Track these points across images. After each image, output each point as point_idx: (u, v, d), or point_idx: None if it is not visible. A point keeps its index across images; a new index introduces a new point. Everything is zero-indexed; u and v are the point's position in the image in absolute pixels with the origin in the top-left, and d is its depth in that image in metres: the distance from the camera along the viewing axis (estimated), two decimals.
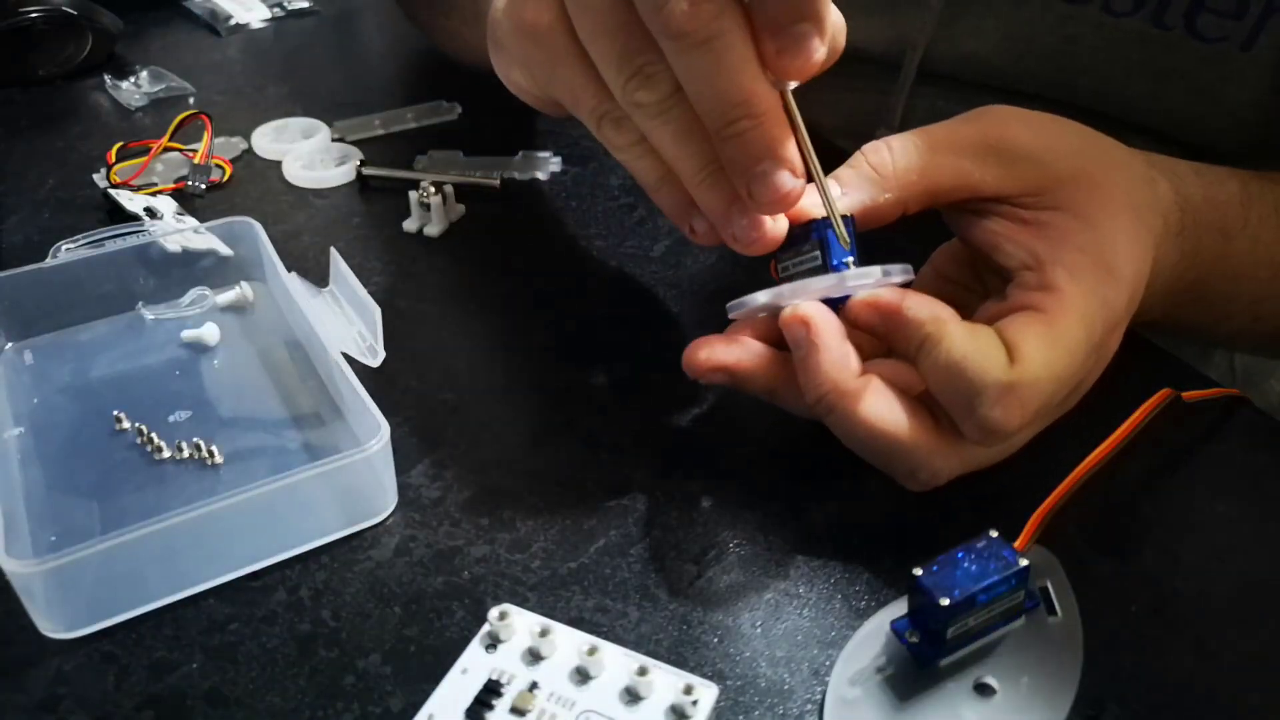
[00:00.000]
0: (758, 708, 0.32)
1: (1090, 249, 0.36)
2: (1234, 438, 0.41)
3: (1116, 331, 0.38)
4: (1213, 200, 0.43)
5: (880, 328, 0.36)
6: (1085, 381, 0.38)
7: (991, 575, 0.31)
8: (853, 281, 0.36)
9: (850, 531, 0.37)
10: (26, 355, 0.46)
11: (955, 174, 0.38)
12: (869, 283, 0.36)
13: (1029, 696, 0.31)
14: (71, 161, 0.62)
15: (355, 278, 0.47)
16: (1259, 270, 0.45)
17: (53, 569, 0.32)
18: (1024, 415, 0.34)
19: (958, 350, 0.34)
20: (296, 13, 0.85)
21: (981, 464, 0.37)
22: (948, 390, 0.34)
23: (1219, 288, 0.45)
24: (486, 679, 0.31)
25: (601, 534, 0.37)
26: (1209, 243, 0.42)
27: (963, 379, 0.34)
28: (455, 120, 0.67)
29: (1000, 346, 0.34)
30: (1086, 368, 0.36)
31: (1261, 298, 0.46)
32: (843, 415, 0.35)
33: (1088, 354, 0.36)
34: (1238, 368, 0.66)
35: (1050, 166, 0.38)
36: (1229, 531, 0.37)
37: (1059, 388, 0.35)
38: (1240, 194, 0.44)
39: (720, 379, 0.37)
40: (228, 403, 0.44)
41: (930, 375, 0.35)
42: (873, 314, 0.36)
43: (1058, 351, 0.34)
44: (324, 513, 0.37)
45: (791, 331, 0.35)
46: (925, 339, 0.34)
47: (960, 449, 0.36)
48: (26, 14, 0.70)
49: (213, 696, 0.32)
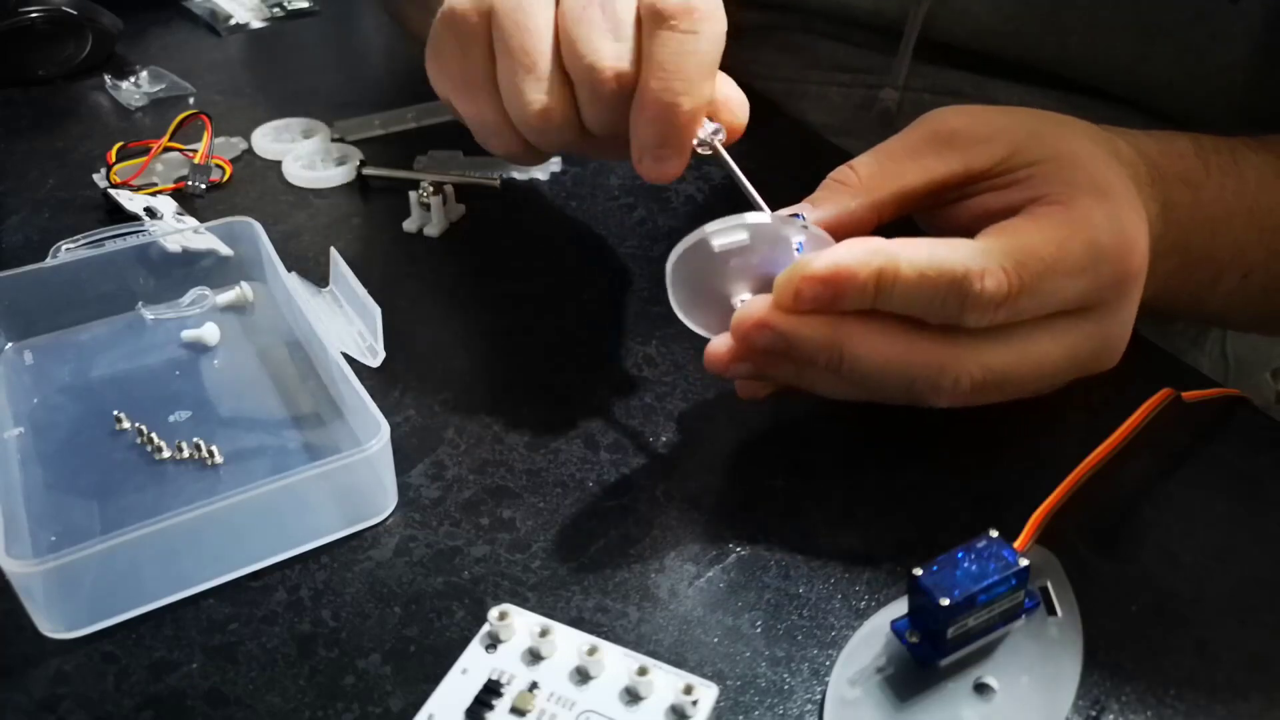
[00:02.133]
0: (758, 708, 0.32)
1: (1081, 178, 0.37)
2: (1234, 438, 0.41)
3: (1130, 256, 0.37)
4: (1169, 153, 0.43)
5: (830, 297, 0.35)
6: (1110, 307, 0.37)
7: (991, 575, 0.31)
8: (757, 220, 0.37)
9: (850, 531, 0.37)
10: (26, 355, 0.46)
11: (921, 171, 0.38)
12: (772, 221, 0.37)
13: (1029, 696, 0.31)
14: (71, 161, 0.62)
15: (355, 278, 0.47)
16: (1233, 219, 0.45)
17: (53, 569, 0.32)
18: (1021, 278, 0.34)
19: (920, 261, 0.34)
20: (296, 13, 0.85)
21: (1005, 367, 0.36)
22: (932, 300, 0.34)
23: (1200, 243, 0.44)
24: (486, 679, 0.31)
25: (601, 534, 0.37)
26: (1179, 195, 0.42)
27: (939, 278, 0.34)
28: (455, 120, 0.67)
29: (964, 240, 0.34)
30: (1090, 262, 0.35)
31: (1244, 248, 0.46)
32: (851, 358, 0.35)
33: (1091, 244, 0.35)
34: (1230, 357, 0.66)
35: (1008, 134, 0.38)
36: (1229, 531, 0.37)
37: (1058, 258, 0.34)
38: (1194, 146, 0.45)
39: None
40: (228, 403, 0.44)
41: (908, 302, 0.34)
42: (818, 287, 0.34)
43: (1051, 223, 0.35)
44: (324, 513, 0.37)
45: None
46: (881, 276, 0.34)
47: (974, 348, 0.35)
48: (26, 14, 0.70)
49: (213, 696, 0.32)
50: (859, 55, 0.63)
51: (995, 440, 0.41)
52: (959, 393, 0.36)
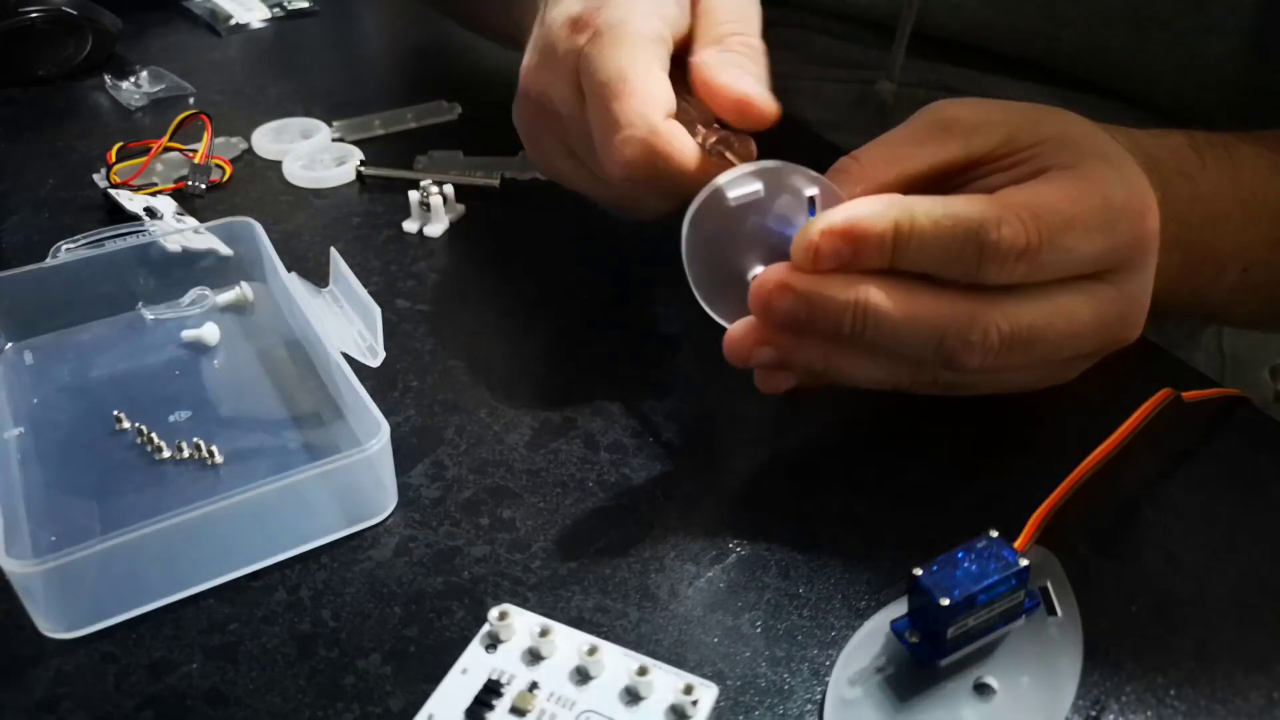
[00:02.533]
0: (758, 708, 0.32)
1: (1085, 147, 0.37)
2: (1234, 438, 0.41)
3: (1145, 215, 0.37)
4: (1164, 146, 0.43)
5: (849, 253, 0.34)
6: (1130, 266, 0.37)
7: (991, 575, 0.31)
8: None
9: (850, 531, 0.37)
10: (26, 355, 0.46)
11: (922, 156, 0.38)
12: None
13: (1029, 696, 0.31)
14: (71, 161, 0.62)
15: (355, 278, 0.47)
16: (1232, 212, 0.45)
17: (53, 569, 0.32)
18: (1040, 231, 0.34)
19: (935, 212, 0.34)
20: (296, 13, 0.85)
21: (1033, 322, 0.36)
22: (950, 253, 0.34)
23: (1201, 237, 0.44)
24: (486, 679, 0.31)
25: (601, 534, 0.37)
26: (1177, 188, 0.42)
27: (955, 227, 0.34)
28: (455, 120, 0.67)
29: (980, 195, 0.35)
30: (1106, 218, 0.35)
31: (1243, 241, 0.46)
32: (876, 317, 0.35)
33: (1106, 200, 0.35)
34: (1227, 353, 0.66)
35: (1007, 120, 0.38)
36: (1229, 531, 0.37)
37: (1075, 213, 0.34)
38: (1187, 141, 0.45)
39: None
40: (228, 403, 0.44)
41: (926, 255, 0.34)
42: (837, 241, 0.34)
43: (1064, 182, 0.35)
44: (324, 513, 0.37)
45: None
46: (898, 228, 0.34)
47: (1000, 302, 0.35)
48: (26, 14, 0.70)
49: (213, 696, 0.32)
50: (854, 51, 0.63)
51: (995, 440, 0.41)
52: (989, 346, 0.35)
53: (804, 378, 0.39)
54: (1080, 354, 0.38)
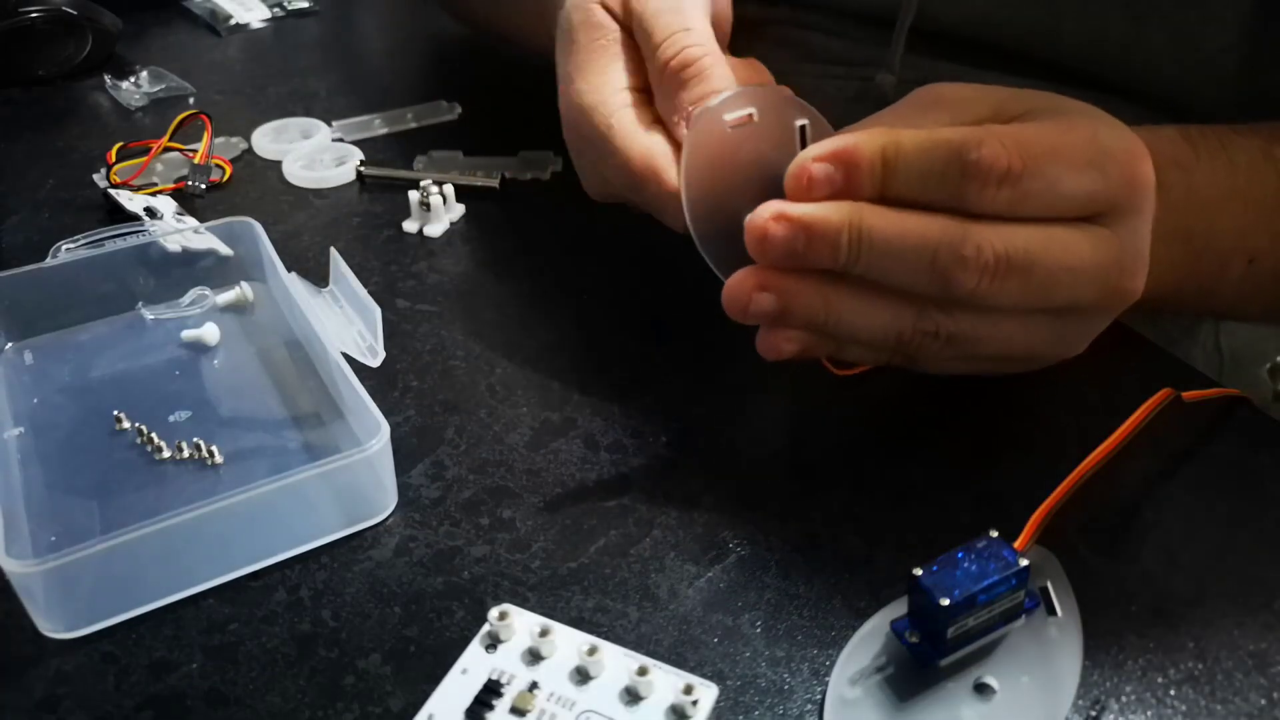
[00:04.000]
0: (758, 708, 0.32)
1: (1073, 107, 0.38)
2: (1234, 438, 0.41)
3: (1136, 159, 0.37)
4: (1156, 137, 0.43)
5: (841, 179, 0.35)
6: (1124, 225, 0.37)
7: (991, 575, 0.31)
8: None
9: (850, 531, 0.37)
10: (26, 355, 0.46)
11: (908, 126, 0.38)
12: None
13: (1029, 696, 0.31)
14: (71, 161, 0.62)
15: (355, 278, 0.47)
16: (1230, 202, 0.45)
17: (53, 569, 0.32)
18: (1020, 151, 0.34)
19: (920, 136, 0.35)
20: (296, 13, 0.85)
21: (1028, 246, 0.35)
22: (934, 174, 0.35)
23: (1200, 228, 0.44)
24: (486, 679, 0.31)
25: (601, 534, 0.37)
26: (1171, 178, 0.42)
27: (935, 149, 0.34)
28: (455, 120, 0.67)
29: (965, 126, 0.36)
30: (1094, 157, 0.36)
31: (1245, 231, 0.46)
32: (871, 237, 0.35)
33: (1093, 140, 0.36)
34: (1225, 350, 0.65)
35: (993, 93, 0.39)
36: (1229, 531, 0.37)
37: (1059, 145, 0.35)
38: (1180, 133, 0.45)
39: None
40: (228, 403, 0.44)
41: (913, 179, 0.35)
42: (828, 167, 0.35)
43: (1050, 121, 0.36)
44: (324, 513, 0.37)
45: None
46: (885, 152, 0.35)
47: (993, 224, 0.35)
48: (26, 14, 0.70)
49: (213, 696, 0.32)
50: (853, 48, 0.63)
51: (995, 440, 0.41)
52: (984, 264, 0.35)
53: (805, 340, 0.38)
54: (1079, 301, 0.38)
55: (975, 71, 0.59)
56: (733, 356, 0.45)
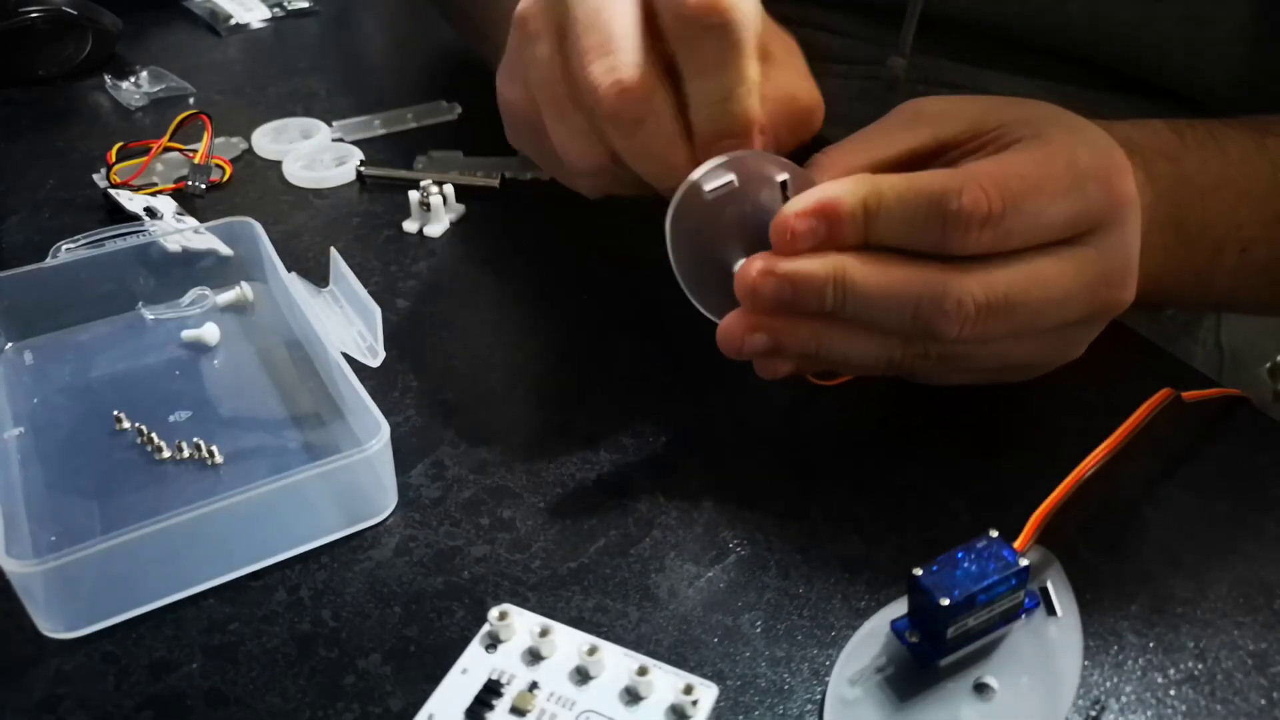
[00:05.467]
0: (758, 708, 0.32)
1: (1051, 121, 0.38)
2: (1234, 438, 0.41)
3: (1115, 175, 0.37)
4: (1142, 130, 0.44)
5: (824, 231, 0.35)
6: (1110, 235, 0.37)
7: (991, 575, 0.31)
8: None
9: (850, 531, 0.37)
10: (26, 355, 0.46)
11: (891, 143, 0.39)
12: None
13: (1029, 696, 0.31)
14: (71, 161, 0.62)
15: (355, 278, 0.47)
16: (1221, 190, 0.45)
17: (53, 569, 0.32)
18: (1002, 197, 0.34)
19: (900, 185, 0.35)
20: (296, 13, 0.85)
21: (1009, 288, 0.36)
22: (916, 224, 0.35)
23: (1193, 217, 0.44)
24: (486, 679, 0.31)
25: (601, 534, 0.37)
26: (1160, 168, 0.42)
27: (917, 198, 0.34)
28: (455, 120, 0.67)
29: (946, 169, 0.36)
30: (1073, 182, 0.36)
31: (1238, 220, 0.46)
32: (854, 288, 0.35)
33: (1071, 163, 0.36)
34: (1225, 348, 0.65)
35: (974, 106, 0.39)
36: (1229, 531, 0.37)
37: (1039, 177, 0.35)
38: (1167, 125, 0.45)
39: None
40: (228, 403, 0.44)
41: (895, 228, 0.35)
42: (811, 220, 0.35)
43: (1028, 150, 0.36)
44: (324, 513, 0.37)
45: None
46: (866, 202, 0.35)
47: (973, 270, 0.35)
48: (26, 14, 0.70)
49: (213, 696, 0.32)
50: (856, 47, 0.63)
51: (995, 440, 0.41)
52: (965, 315, 0.35)
53: (800, 361, 0.39)
54: (1069, 320, 0.38)
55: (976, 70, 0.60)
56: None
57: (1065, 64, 0.58)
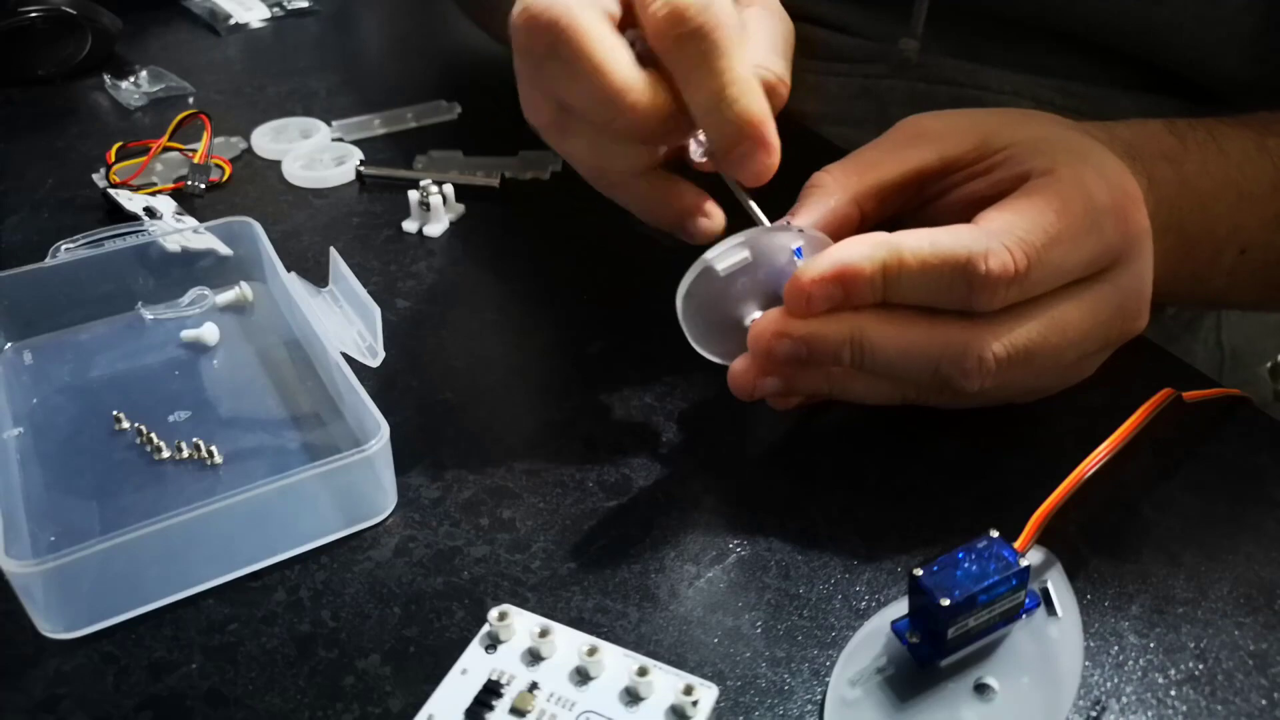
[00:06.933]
0: (758, 708, 0.32)
1: (1059, 148, 0.37)
2: (1234, 438, 0.41)
3: (1130, 210, 0.37)
4: (1142, 134, 0.44)
5: (841, 295, 0.35)
6: (1124, 258, 0.37)
7: (992, 575, 0.31)
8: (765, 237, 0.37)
9: (850, 531, 0.37)
10: (26, 355, 0.46)
11: (896, 163, 0.39)
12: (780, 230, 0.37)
13: (1029, 696, 0.31)
14: (71, 161, 0.62)
15: (355, 278, 0.47)
16: (1222, 193, 0.45)
17: (53, 569, 0.32)
18: (1026, 255, 0.34)
19: (922, 250, 0.34)
20: (296, 13, 0.85)
21: (1028, 340, 0.36)
22: (939, 286, 0.35)
23: (1194, 219, 0.44)
24: (486, 679, 0.31)
25: (601, 534, 0.37)
26: (1162, 172, 0.42)
27: (942, 265, 0.34)
28: (455, 120, 0.67)
29: (965, 225, 0.35)
30: (1091, 223, 0.36)
31: (1238, 221, 0.46)
32: (873, 348, 0.35)
33: (1089, 206, 0.36)
34: (1226, 347, 0.65)
35: (978, 124, 0.39)
36: (1229, 531, 0.37)
37: (1060, 227, 0.35)
38: (1167, 127, 0.45)
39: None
40: (227, 403, 0.44)
41: (917, 291, 0.35)
42: (828, 287, 0.35)
43: (1045, 195, 0.35)
44: (324, 513, 0.37)
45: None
46: (886, 269, 0.35)
47: (993, 326, 0.35)
48: (26, 14, 0.70)
49: (213, 696, 0.32)
50: (858, 45, 0.63)
51: (995, 440, 0.41)
52: (986, 371, 0.35)
53: (813, 397, 0.40)
54: (1085, 354, 0.38)
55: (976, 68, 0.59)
56: None
57: (1070, 56, 0.58)
